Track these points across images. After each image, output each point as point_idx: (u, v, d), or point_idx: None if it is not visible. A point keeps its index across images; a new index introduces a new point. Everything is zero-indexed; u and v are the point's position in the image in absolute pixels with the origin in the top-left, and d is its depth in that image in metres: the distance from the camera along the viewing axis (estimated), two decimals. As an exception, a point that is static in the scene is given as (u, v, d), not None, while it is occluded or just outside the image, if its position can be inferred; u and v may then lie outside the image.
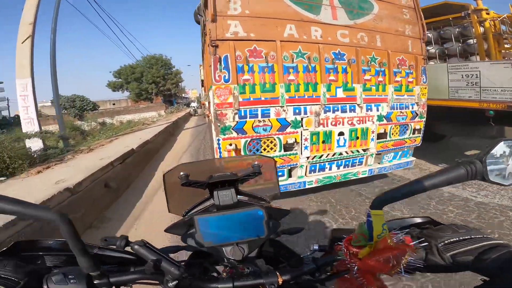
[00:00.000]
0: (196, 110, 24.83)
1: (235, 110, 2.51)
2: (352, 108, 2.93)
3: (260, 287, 0.52)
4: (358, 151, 3.07)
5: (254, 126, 2.59)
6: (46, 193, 2.49)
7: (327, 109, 2.82)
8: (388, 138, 3.21)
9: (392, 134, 3.23)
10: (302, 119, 2.74)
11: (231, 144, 2.57)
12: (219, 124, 2.50)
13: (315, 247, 0.59)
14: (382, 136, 3.18)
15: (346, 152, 3.01)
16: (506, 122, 3.67)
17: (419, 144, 3.48)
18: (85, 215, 2.79)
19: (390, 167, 3.36)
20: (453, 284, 1.63)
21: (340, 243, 0.49)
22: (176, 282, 0.47)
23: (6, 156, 3.94)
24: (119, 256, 0.56)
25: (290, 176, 2.99)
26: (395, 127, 3.23)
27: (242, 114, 2.54)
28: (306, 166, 2.92)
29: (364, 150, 3.10)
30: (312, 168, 2.98)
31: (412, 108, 3.27)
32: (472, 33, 4.88)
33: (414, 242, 0.43)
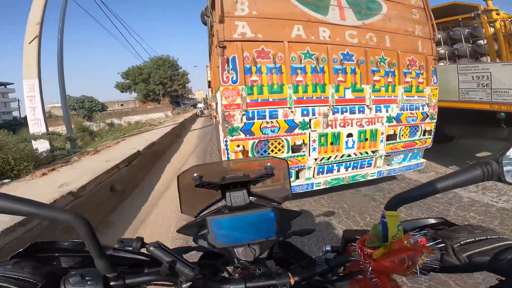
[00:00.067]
0: (202, 111, 25.04)
1: (243, 111, 2.49)
2: (361, 109, 2.89)
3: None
4: (367, 153, 3.03)
5: (262, 127, 2.57)
6: (49, 196, 2.48)
7: (335, 110, 2.78)
8: (398, 140, 3.16)
9: (402, 136, 3.18)
10: (310, 121, 2.71)
11: (238, 146, 2.55)
12: (226, 125, 2.48)
13: (328, 248, 0.59)
14: (391, 137, 3.13)
15: (354, 153, 2.97)
16: None
17: (429, 146, 3.42)
18: (89, 219, 2.76)
19: (399, 169, 3.31)
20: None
21: (353, 244, 0.49)
22: (190, 283, 0.47)
23: (11, 157, 3.92)
24: (132, 258, 0.56)
25: (297, 177, 2.96)
26: (405, 128, 3.18)
27: (250, 115, 2.52)
28: (314, 168, 2.89)
29: (373, 152, 3.05)
30: (320, 170, 2.94)
31: (422, 109, 3.21)
32: (482, 33, 4.80)
33: (430, 243, 0.42)
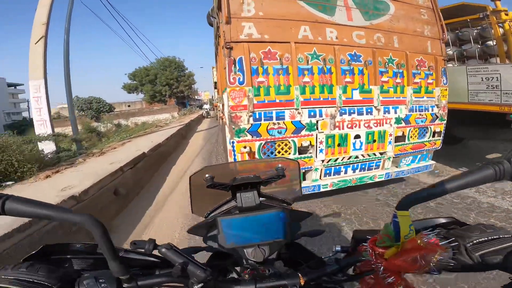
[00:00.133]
0: (208, 112, 25.14)
1: (250, 112, 2.48)
2: (369, 110, 2.85)
3: None
4: (375, 155, 2.98)
5: (268, 128, 2.55)
6: (51, 200, 2.41)
7: (343, 111, 2.75)
8: (407, 141, 3.11)
9: (411, 137, 3.13)
10: (317, 122, 2.69)
11: (245, 147, 2.54)
12: (233, 127, 2.47)
13: (338, 248, 0.59)
14: (400, 139, 3.09)
15: (362, 155, 2.93)
16: None
17: (439, 148, 3.36)
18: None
19: (408, 171, 3.25)
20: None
21: (364, 244, 0.49)
22: (201, 284, 0.47)
23: (14, 160, 3.86)
24: (143, 259, 0.57)
25: (304, 179, 2.93)
26: (414, 129, 3.12)
27: (257, 117, 2.51)
28: (321, 170, 2.86)
29: (381, 154, 3.01)
30: (327, 172, 2.91)
31: (432, 110, 3.16)
32: (491, 34, 4.70)
33: (443, 242, 0.42)
